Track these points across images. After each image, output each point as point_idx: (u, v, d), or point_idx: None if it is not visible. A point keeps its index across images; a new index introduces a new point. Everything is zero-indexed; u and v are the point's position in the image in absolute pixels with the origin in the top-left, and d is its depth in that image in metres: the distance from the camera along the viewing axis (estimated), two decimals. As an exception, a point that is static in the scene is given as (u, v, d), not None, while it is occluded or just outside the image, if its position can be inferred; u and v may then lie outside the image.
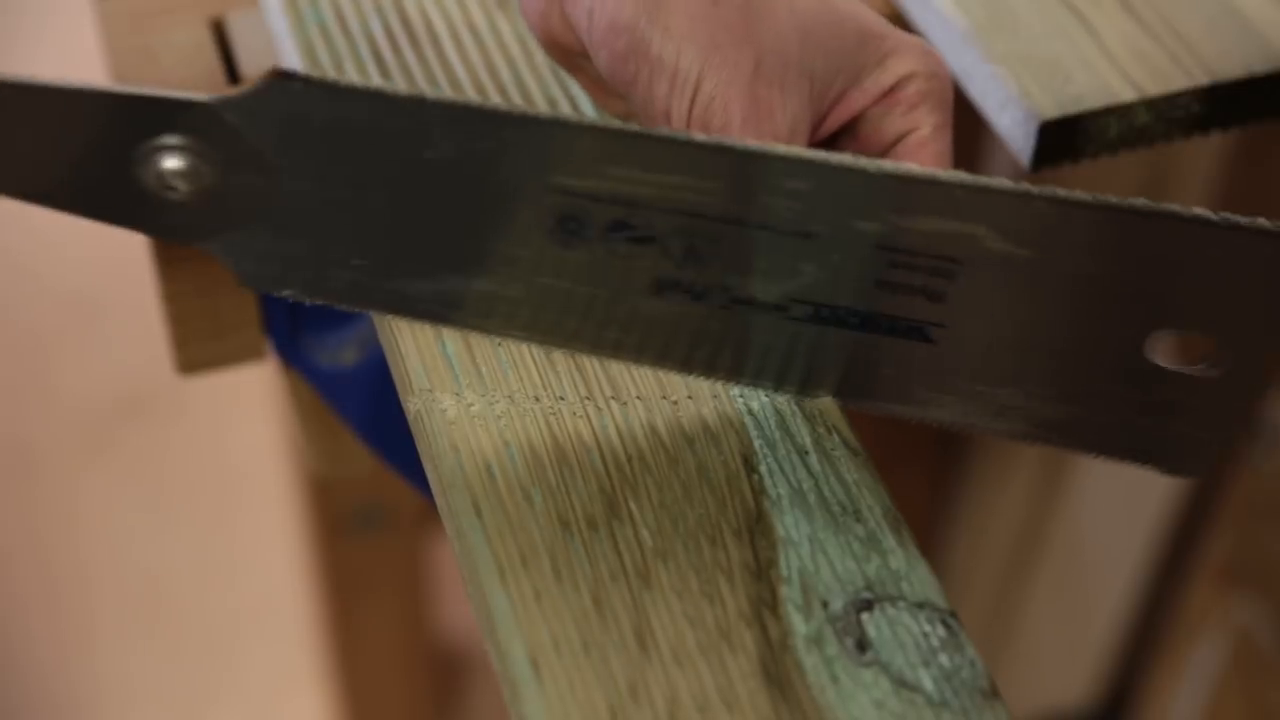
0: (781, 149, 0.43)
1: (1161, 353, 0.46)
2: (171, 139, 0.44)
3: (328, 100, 0.44)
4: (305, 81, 0.43)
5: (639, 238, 0.45)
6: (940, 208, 0.44)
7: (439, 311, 0.48)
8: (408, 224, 0.46)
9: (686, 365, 0.48)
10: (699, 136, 0.43)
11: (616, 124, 0.43)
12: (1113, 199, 0.43)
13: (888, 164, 0.44)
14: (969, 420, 0.49)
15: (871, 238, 0.44)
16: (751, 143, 0.43)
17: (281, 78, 0.43)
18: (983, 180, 0.44)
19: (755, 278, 0.46)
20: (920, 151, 0.47)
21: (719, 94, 0.43)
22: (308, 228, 0.46)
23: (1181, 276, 0.45)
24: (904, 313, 0.46)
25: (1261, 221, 0.43)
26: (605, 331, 0.48)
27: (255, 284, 0.47)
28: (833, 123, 0.47)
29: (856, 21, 0.45)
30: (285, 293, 0.47)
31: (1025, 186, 0.43)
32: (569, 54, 0.49)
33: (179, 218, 0.45)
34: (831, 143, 0.49)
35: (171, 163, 0.44)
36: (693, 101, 0.44)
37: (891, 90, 0.46)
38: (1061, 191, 0.43)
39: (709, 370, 0.49)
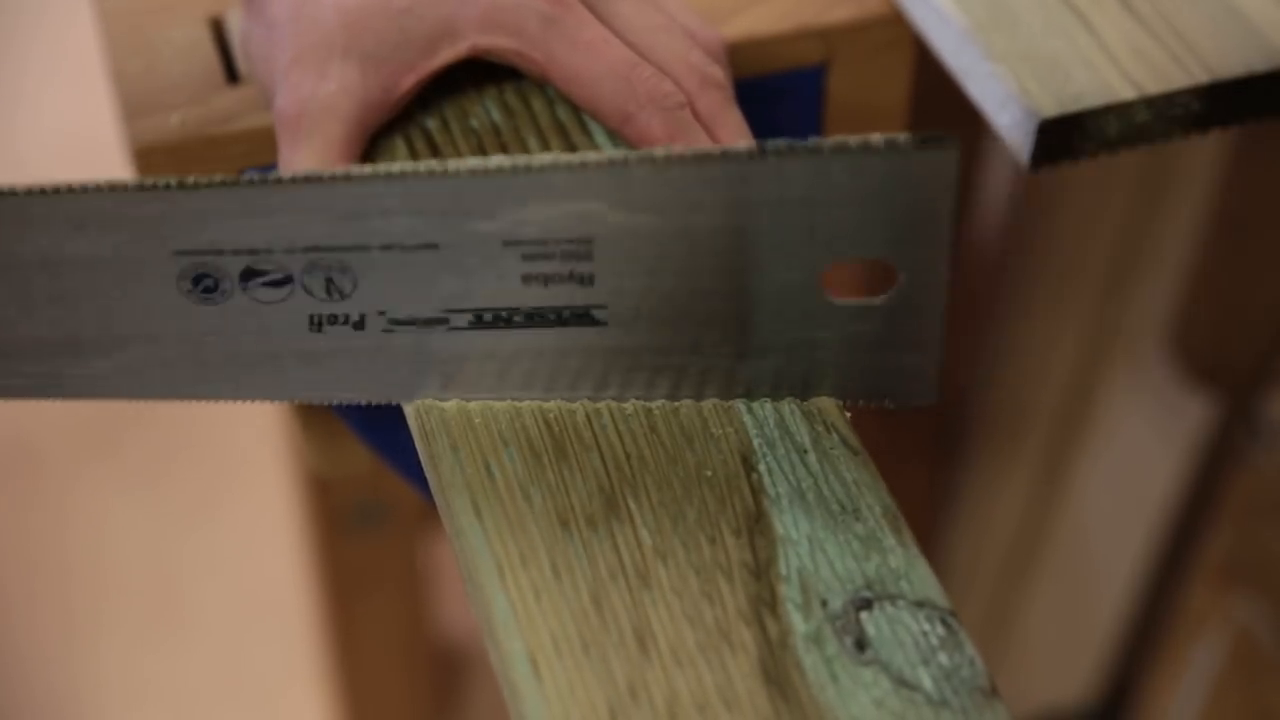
0: (351, 170, 0.44)
1: (838, 287, 0.46)
2: None
3: None
4: None
5: (275, 281, 0.46)
6: (548, 194, 0.44)
7: (101, 390, 0.47)
8: (31, 313, 0.46)
9: (367, 395, 0.49)
10: (284, 176, 0.44)
11: (205, 179, 0.44)
12: (709, 149, 0.43)
13: (474, 162, 0.44)
14: (675, 393, 0.49)
15: (495, 236, 0.45)
16: (325, 170, 0.44)
17: None
18: (577, 158, 0.44)
19: (402, 298, 0.46)
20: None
21: (270, 87, 0.54)
22: None
23: (821, 209, 0.44)
24: (562, 301, 0.46)
25: (875, 138, 0.43)
26: (286, 373, 0.48)
27: None
28: (409, 83, 0.53)
29: (409, 2, 0.52)
30: None
31: (622, 154, 0.44)
32: None
33: None
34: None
35: None
36: (273, 97, 0.54)
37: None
38: (658, 152, 0.44)
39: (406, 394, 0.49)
